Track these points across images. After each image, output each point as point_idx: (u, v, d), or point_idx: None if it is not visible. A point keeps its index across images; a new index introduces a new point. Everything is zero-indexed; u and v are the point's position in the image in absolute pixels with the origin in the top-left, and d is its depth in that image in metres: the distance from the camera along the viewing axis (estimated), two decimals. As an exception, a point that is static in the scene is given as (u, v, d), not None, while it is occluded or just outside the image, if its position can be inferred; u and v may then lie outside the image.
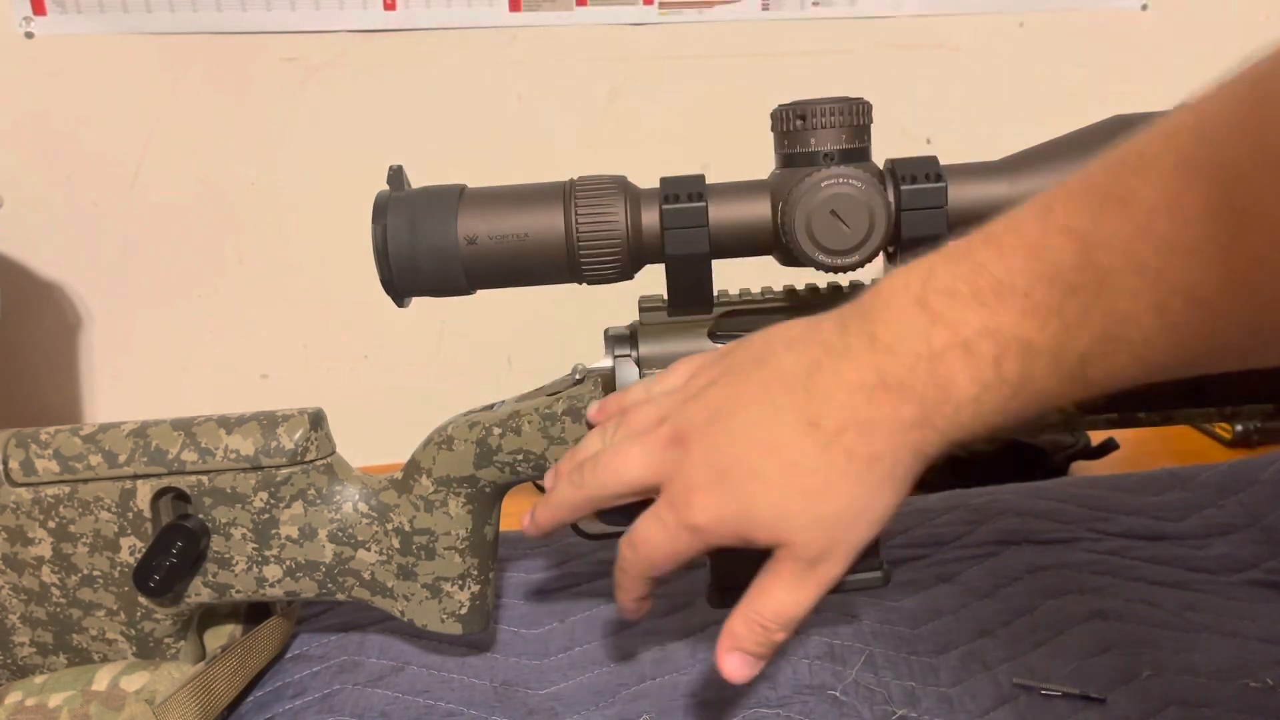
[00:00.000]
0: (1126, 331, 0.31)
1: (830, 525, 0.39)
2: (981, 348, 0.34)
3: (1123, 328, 0.31)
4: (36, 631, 0.56)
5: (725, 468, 0.40)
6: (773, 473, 0.39)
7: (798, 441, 0.38)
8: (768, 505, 0.39)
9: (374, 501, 0.56)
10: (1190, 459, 0.79)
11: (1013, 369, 0.33)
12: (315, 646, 0.62)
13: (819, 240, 0.47)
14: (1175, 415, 0.53)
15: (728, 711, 0.54)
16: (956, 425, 0.36)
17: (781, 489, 0.39)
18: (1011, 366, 0.33)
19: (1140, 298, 0.30)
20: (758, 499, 0.39)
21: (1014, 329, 0.33)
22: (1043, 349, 0.32)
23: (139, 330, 0.95)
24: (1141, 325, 0.30)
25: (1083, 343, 0.32)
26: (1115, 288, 0.30)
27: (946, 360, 0.34)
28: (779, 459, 0.39)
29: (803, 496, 0.39)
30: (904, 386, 0.36)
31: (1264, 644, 0.57)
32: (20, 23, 0.86)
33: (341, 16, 0.89)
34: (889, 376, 0.36)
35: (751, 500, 0.40)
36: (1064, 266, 0.31)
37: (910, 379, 0.35)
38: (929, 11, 0.92)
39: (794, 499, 0.39)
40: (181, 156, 0.91)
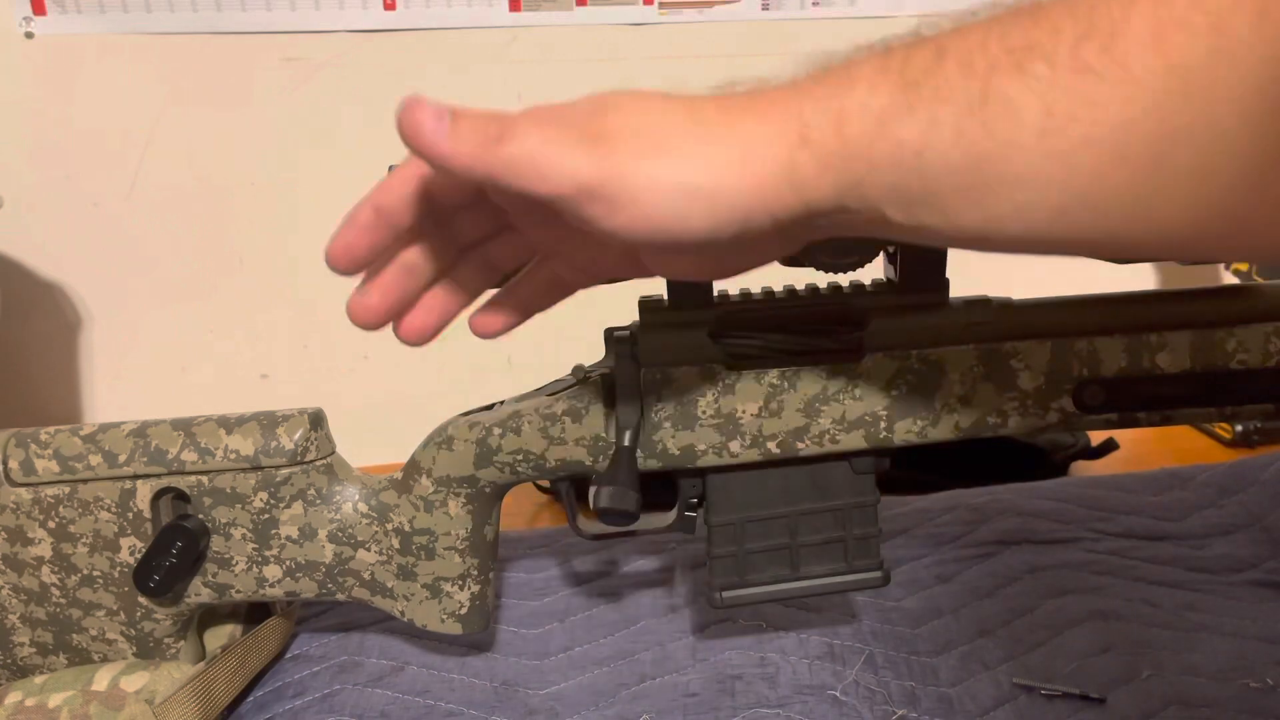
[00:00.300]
0: (1043, 49, 0.30)
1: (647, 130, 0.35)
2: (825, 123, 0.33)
3: (1041, 45, 0.30)
4: (36, 631, 0.56)
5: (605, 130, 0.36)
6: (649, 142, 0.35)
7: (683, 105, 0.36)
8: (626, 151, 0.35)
9: (374, 501, 0.56)
10: (1190, 459, 0.79)
11: (855, 129, 0.33)
12: (315, 646, 0.62)
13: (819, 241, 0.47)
14: (1175, 415, 0.53)
15: (728, 711, 0.54)
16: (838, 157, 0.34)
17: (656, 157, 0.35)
18: (854, 126, 0.33)
19: (1062, 33, 0.30)
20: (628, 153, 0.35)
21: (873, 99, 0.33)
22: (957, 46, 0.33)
23: (139, 330, 0.95)
24: (1058, 57, 0.30)
25: (994, 51, 0.31)
26: (1041, 20, 0.31)
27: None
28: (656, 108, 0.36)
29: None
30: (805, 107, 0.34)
31: (1264, 644, 0.57)
32: (20, 23, 0.86)
33: (341, 16, 0.89)
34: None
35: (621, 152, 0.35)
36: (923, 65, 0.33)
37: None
38: (929, 11, 0.92)
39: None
40: (181, 156, 0.91)
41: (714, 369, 0.52)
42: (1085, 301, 0.53)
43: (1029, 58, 0.30)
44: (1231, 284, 0.75)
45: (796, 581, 0.55)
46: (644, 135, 0.35)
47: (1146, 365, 0.51)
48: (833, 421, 0.52)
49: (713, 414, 0.52)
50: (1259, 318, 0.51)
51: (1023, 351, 0.51)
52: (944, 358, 0.51)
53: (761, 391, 0.52)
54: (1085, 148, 0.30)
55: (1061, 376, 0.51)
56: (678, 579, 0.67)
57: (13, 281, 0.91)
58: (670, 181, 0.34)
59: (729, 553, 0.54)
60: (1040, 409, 0.52)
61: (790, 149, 0.34)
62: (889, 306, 0.52)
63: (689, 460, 0.53)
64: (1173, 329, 0.51)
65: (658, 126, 0.35)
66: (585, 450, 0.53)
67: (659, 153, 0.35)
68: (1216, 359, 0.51)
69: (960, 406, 0.52)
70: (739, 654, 0.58)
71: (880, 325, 0.51)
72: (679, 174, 0.34)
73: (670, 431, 0.52)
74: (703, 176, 0.34)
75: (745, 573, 0.54)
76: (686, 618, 0.62)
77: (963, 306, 0.52)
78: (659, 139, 0.35)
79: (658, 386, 0.52)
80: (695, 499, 0.55)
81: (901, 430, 0.52)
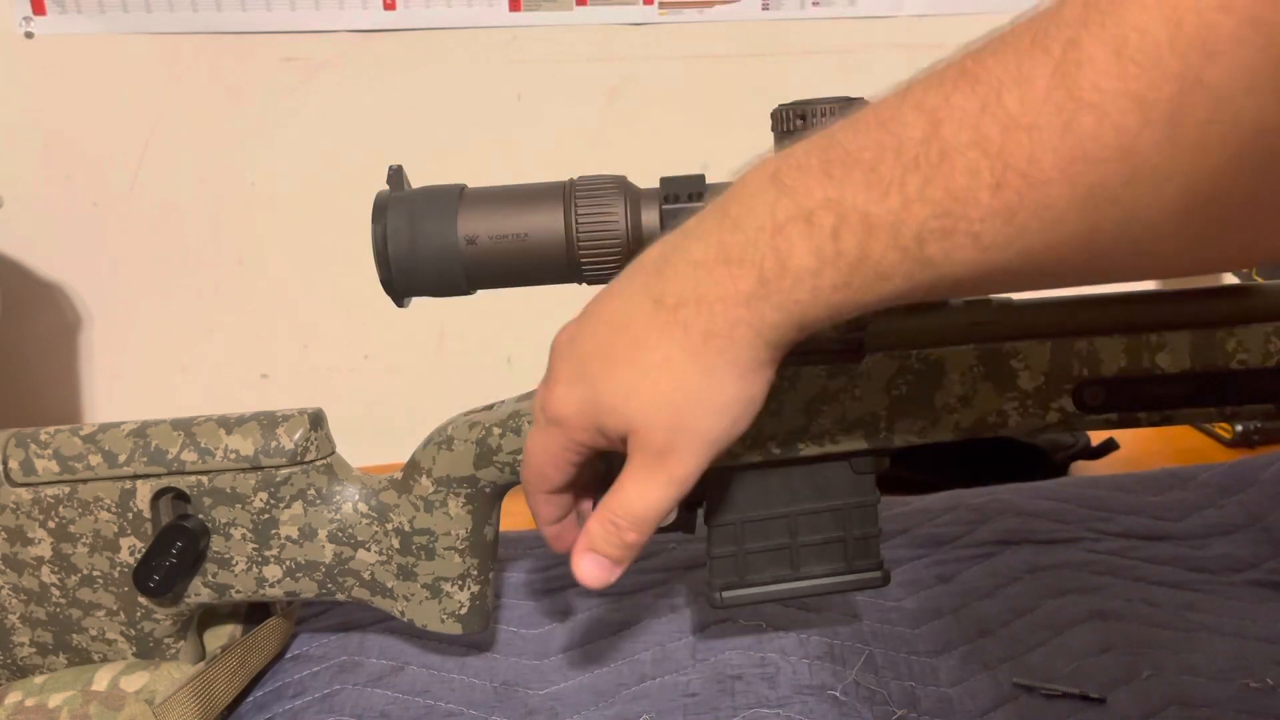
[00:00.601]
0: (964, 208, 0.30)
1: (671, 406, 0.39)
2: (821, 219, 0.33)
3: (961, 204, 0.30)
4: (36, 631, 0.56)
5: (583, 358, 0.41)
6: (620, 353, 0.39)
7: (643, 320, 0.38)
8: (612, 385, 0.40)
9: (374, 501, 0.56)
10: (1190, 459, 0.79)
11: (850, 242, 0.33)
12: (315, 646, 0.62)
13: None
14: (1175, 415, 0.53)
15: (728, 711, 0.54)
16: (794, 301, 0.35)
17: (626, 367, 0.39)
18: (849, 239, 0.33)
19: (980, 174, 0.30)
20: (605, 380, 0.40)
21: (854, 200, 0.32)
22: (881, 222, 0.32)
23: (139, 330, 0.95)
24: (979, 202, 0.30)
25: (920, 217, 0.31)
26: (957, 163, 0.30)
27: (786, 232, 0.34)
28: (626, 339, 0.39)
29: (643, 374, 0.39)
30: (743, 260, 0.35)
31: (1264, 644, 0.57)
32: (20, 23, 0.86)
33: (341, 16, 0.89)
34: (731, 251, 0.36)
35: (599, 382, 0.40)
36: (910, 140, 0.31)
37: (750, 252, 0.35)
38: (929, 11, 0.92)
39: (636, 377, 0.39)
40: (181, 156, 0.91)
41: (714, 369, 0.52)
42: (1085, 301, 0.53)
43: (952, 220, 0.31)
44: (1231, 284, 0.75)
45: (796, 581, 0.55)
46: (680, 431, 0.41)
47: (1146, 365, 0.51)
48: (833, 421, 0.52)
49: (713, 414, 0.52)
50: (1259, 318, 0.51)
51: (1023, 351, 0.51)
52: (944, 358, 0.51)
53: (761, 391, 0.52)
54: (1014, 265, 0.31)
55: (1061, 376, 0.51)
56: (678, 579, 0.67)
57: (13, 281, 0.91)
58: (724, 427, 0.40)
59: (729, 553, 0.54)
60: (1040, 409, 0.52)
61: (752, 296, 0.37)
62: (889, 306, 0.52)
63: (689, 460, 0.53)
64: (1173, 329, 0.51)
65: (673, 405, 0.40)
66: (585, 450, 0.53)
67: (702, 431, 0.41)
68: (1216, 359, 0.51)
69: (960, 406, 0.52)
70: (739, 654, 0.58)
71: (880, 325, 0.51)
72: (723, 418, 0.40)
73: (670, 431, 0.52)
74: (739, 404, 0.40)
75: (745, 573, 0.54)
76: (686, 618, 0.62)
77: (963, 306, 0.52)
78: (689, 417, 0.41)
79: (658, 386, 0.52)
80: (695, 499, 0.55)
81: (901, 430, 0.52)
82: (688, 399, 0.38)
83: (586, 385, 0.41)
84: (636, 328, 0.39)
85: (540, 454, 0.45)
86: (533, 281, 0.50)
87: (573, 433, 0.42)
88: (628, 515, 0.42)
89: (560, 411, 0.42)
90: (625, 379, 0.39)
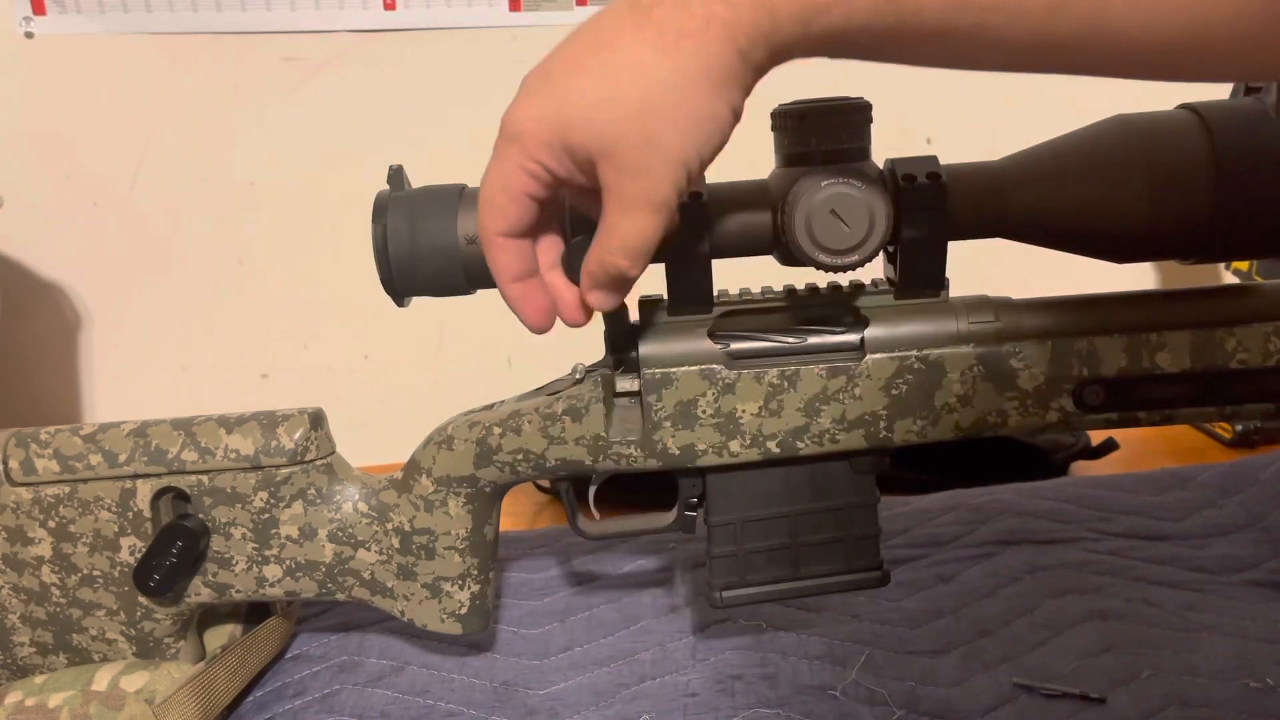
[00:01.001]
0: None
1: (641, 117, 0.37)
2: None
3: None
4: (36, 631, 0.56)
5: (551, 69, 0.39)
6: (591, 59, 0.38)
7: (617, 23, 0.37)
8: (580, 96, 0.38)
9: (374, 501, 0.56)
10: (1190, 459, 0.79)
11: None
12: (315, 646, 0.62)
13: (819, 240, 0.47)
14: (1175, 415, 0.53)
15: (728, 711, 0.54)
16: (766, 6, 0.34)
17: (597, 73, 0.37)
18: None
19: None
20: (573, 92, 0.38)
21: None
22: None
23: (139, 330, 0.95)
24: None
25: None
26: None
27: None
28: (599, 43, 0.38)
29: (614, 79, 0.37)
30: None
31: (1264, 644, 0.57)
32: (20, 23, 0.86)
33: (341, 16, 0.89)
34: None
35: (568, 94, 0.38)
36: None
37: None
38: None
39: (606, 83, 0.37)
40: (181, 156, 0.91)
41: (714, 369, 0.52)
42: (1085, 301, 0.53)
43: None
44: (1231, 284, 0.75)
45: (796, 581, 0.55)
46: (648, 156, 0.39)
47: (1146, 365, 0.51)
48: (833, 421, 0.52)
49: (713, 413, 0.52)
50: (1259, 317, 0.51)
51: (1023, 351, 0.51)
52: (944, 358, 0.51)
53: (761, 391, 0.52)
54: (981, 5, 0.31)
55: (1061, 376, 0.51)
56: (678, 579, 0.67)
57: (13, 281, 0.91)
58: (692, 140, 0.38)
59: (729, 553, 0.54)
60: (1040, 409, 0.52)
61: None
62: (889, 306, 0.52)
63: (689, 460, 0.53)
64: (1173, 329, 0.51)
65: (649, 130, 0.38)
66: (585, 450, 0.53)
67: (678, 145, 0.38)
68: (1216, 359, 0.51)
69: (960, 406, 0.52)
70: (739, 654, 0.58)
71: (880, 325, 0.51)
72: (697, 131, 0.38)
73: (670, 431, 0.52)
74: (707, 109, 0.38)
75: (745, 573, 0.54)
76: (686, 618, 0.62)
77: (963, 306, 0.52)
78: (660, 140, 0.38)
79: (658, 386, 0.52)
80: (695, 499, 0.55)
81: (901, 430, 0.52)
82: (658, 109, 0.37)
83: (552, 95, 0.38)
84: (609, 32, 0.37)
85: (495, 182, 0.41)
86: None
87: (534, 150, 0.39)
88: (621, 246, 0.40)
89: (520, 126, 0.39)
90: (595, 85, 0.37)
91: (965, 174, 0.49)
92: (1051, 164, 0.48)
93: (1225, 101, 0.48)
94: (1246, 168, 0.46)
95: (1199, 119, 0.47)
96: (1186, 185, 0.46)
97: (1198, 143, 0.46)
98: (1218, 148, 0.46)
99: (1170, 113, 0.48)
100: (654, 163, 0.38)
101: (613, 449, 0.53)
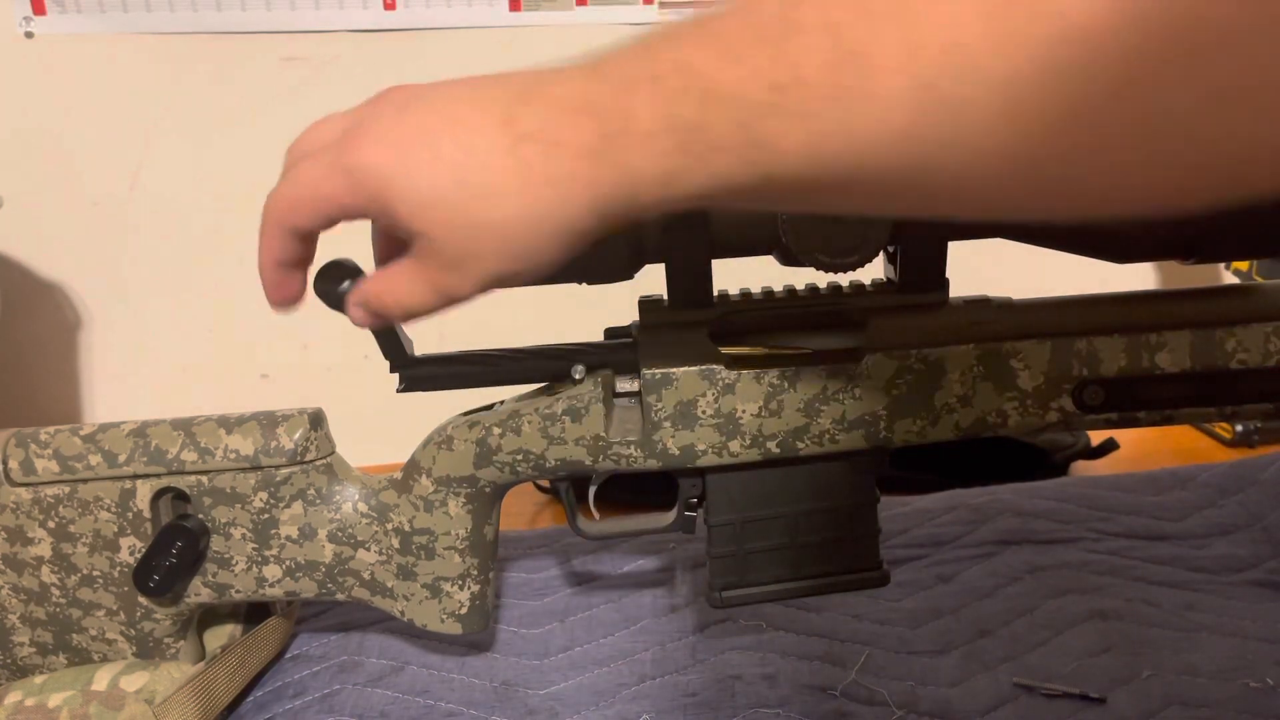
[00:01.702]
0: (800, 86, 0.30)
1: (476, 233, 0.37)
2: (670, 81, 0.33)
3: (797, 81, 0.30)
4: (36, 631, 0.56)
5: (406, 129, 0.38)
6: (447, 150, 0.37)
7: (486, 130, 0.37)
8: (425, 180, 0.37)
9: (374, 501, 0.56)
10: (1190, 459, 0.79)
11: (691, 108, 0.32)
12: (315, 646, 0.62)
13: (819, 240, 0.47)
14: (1175, 415, 0.53)
15: (728, 711, 0.54)
16: (628, 165, 0.34)
17: (448, 171, 0.37)
18: (690, 105, 0.32)
19: (820, 52, 0.29)
20: (419, 169, 0.37)
21: (703, 66, 0.32)
22: (723, 91, 0.32)
23: (139, 330, 0.95)
24: (813, 81, 0.30)
25: (759, 89, 0.31)
26: (803, 40, 0.30)
27: (637, 90, 0.33)
28: (460, 139, 0.37)
29: (463, 188, 0.37)
30: (596, 112, 0.34)
31: (1264, 644, 0.57)
32: (20, 23, 0.86)
33: (341, 16, 0.89)
34: (591, 99, 0.35)
35: (413, 166, 0.38)
36: (767, 15, 0.31)
37: (604, 105, 0.34)
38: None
39: (453, 187, 0.37)
40: (181, 156, 0.91)
41: (714, 369, 0.52)
42: (1085, 301, 0.53)
43: (785, 96, 0.30)
44: (1231, 284, 0.75)
45: (796, 581, 0.55)
46: (464, 249, 0.38)
47: (1146, 365, 0.51)
48: (833, 421, 0.52)
49: (713, 414, 0.52)
50: (1259, 318, 0.51)
51: (1023, 351, 0.51)
52: (944, 358, 0.51)
53: (761, 391, 0.52)
54: (843, 163, 0.31)
55: (1061, 376, 0.51)
56: (678, 579, 0.67)
57: (13, 281, 0.91)
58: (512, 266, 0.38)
59: (729, 553, 0.54)
60: (1040, 409, 0.52)
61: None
62: (889, 306, 0.52)
63: (689, 460, 0.53)
64: (1173, 329, 0.51)
65: (472, 228, 0.38)
66: (585, 450, 0.53)
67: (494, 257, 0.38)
68: (1216, 359, 0.51)
69: (960, 406, 0.52)
70: (739, 654, 0.58)
71: (880, 325, 0.51)
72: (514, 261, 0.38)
73: (670, 431, 0.52)
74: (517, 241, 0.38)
75: (745, 573, 0.54)
76: (686, 618, 0.62)
77: (963, 306, 0.52)
78: (477, 245, 0.38)
79: (658, 386, 0.52)
80: (695, 499, 0.55)
81: (901, 430, 0.52)
82: (496, 235, 0.37)
83: (399, 157, 0.38)
84: (475, 136, 0.37)
85: (308, 188, 0.41)
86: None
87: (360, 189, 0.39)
88: (398, 303, 0.41)
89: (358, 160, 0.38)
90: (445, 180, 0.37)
91: (965, 174, 0.49)
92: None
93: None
94: (1246, 168, 0.46)
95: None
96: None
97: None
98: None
99: None
100: (469, 269, 0.38)
101: (613, 449, 0.53)
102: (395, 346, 0.53)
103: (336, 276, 0.45)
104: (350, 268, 0.45)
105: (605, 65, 0.35)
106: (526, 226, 0.37)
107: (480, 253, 0.38)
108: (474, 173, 0.37)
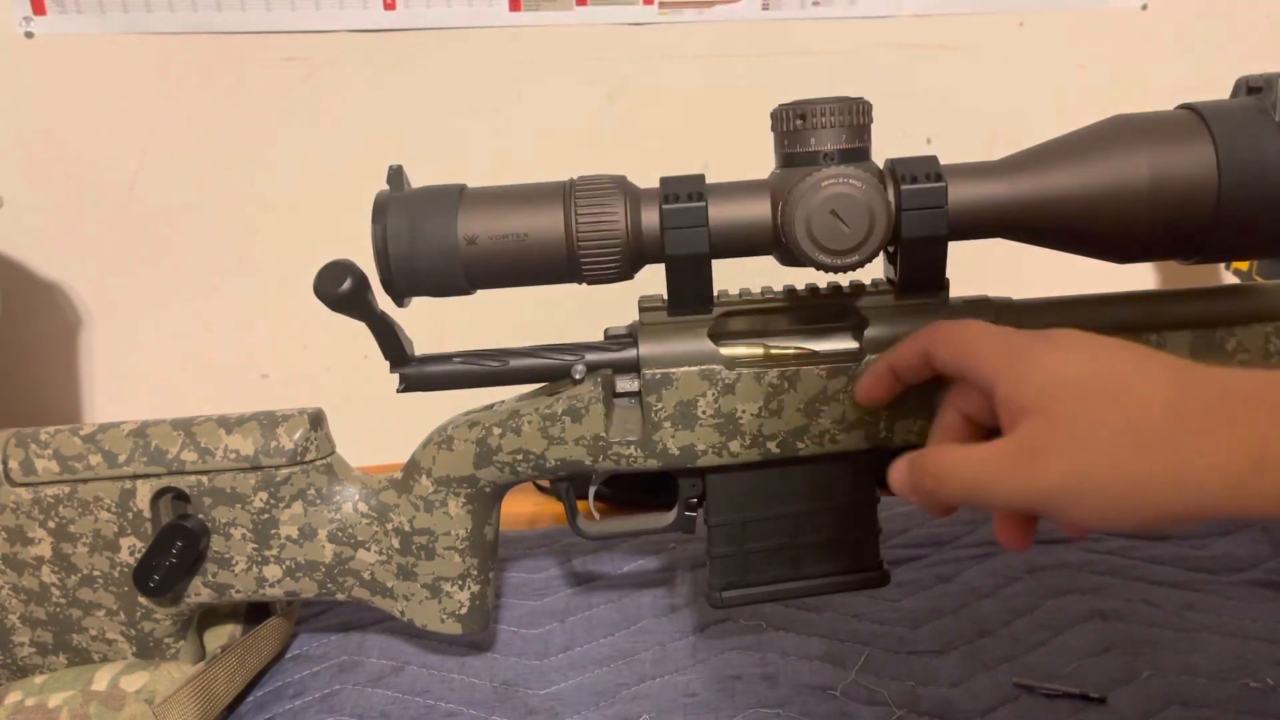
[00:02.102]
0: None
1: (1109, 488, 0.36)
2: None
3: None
4: (36, 631, 0.56)
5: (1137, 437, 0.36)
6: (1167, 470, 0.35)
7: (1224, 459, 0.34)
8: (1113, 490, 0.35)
9: (374, 501, 0.56)
10: (1190, 459, 0.79)
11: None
12: (315, 646, 0.62)
13: (819, 240, 0.47)
14: (1175, 415, 0.52)
15: (728, 711, 0.54)
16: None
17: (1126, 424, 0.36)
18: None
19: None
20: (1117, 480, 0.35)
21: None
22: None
23: (139, 330, 0.95)
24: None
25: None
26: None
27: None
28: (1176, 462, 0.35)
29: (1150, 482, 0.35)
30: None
31: (1264, 644, 0.57)
32: (20, 23, 0.86)
33: (341, 16, 0.89)
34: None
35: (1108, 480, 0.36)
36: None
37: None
38: (929, 11, 0.92)
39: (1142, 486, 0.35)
40: (181, 156, 0.91)
41: (714, 369, 0.52)
42: (1085, 301, 0.53)
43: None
44: (1231, 284, 0.75)
45: (796, 581, 0.55)
46: (1076, 448, 0.36)
47: (1146, 365, 0.51)
48: (833, 421, 0.52)
49: (713, 414, 0.52)
50: (1259, 318, 0.51)
51: (1023, 351, 0.51)
52: (944, 358, 0.51)
53: (761, 391, 0.52)
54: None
55: (1061, 376, 0.51)
56: (678, 579, 0.67)
57: (13, 281, 0.91)
58: (1096, 503, 0.36)
59: (729, 553, 0.54)
60: (1040, 409, 0.52)
61: (1241, 473, 0.33)
62: (889, 306, 0.52)
63: (689, 460, 0.53)
64: (1173, 329, 0.51)
65: (1094, 431, 0.36)
66: (585, 450, 0.53)
67: (1088, 473, 0.36)
68: (1216, 359, 0.51)
69: (960, 406, 0.52)
70: (739, 654, 0.58)
71: (880, 325, 0.51)
72: (1105, 497, 0.36)
73: (670, 431, 0.52)
74: (1134, 498, 0.35)
75: (745, 573, 0.54)
76: (686, 618, 0.62)
77: (963, 306, 0.52)
78: (1091, 454, 0.36)
79: (658, 386, 0.52)
80: (695, 499, 0.55)
81: (901, 430, 0.52)
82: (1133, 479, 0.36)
83: (1087, 475, 0.36)
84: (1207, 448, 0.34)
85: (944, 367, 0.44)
86: (533, 281, 0.50)
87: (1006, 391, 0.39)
88: (951, 476, 0.39)
89: (1030, 486, 0.37)
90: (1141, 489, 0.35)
91: (965, 174, 0.49)
92: (1051, 164, 0.48)
93: (1226, 101, 0.48)
94: (1247, 167, 0.46)
95: (1199, 119, 0.47)
96: (1187, 185, 0.46)
97: (1198, 142, 0.46)
98: (1218, 147, 0.46)
99: (1171, 112, 0.48)
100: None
101: (613, 449, 0.53)
102: (395, 346, 0.53)
103: (337, 276, 0.45)
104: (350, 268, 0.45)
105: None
106: (1165, 492, 0.35)
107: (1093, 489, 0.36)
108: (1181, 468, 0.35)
